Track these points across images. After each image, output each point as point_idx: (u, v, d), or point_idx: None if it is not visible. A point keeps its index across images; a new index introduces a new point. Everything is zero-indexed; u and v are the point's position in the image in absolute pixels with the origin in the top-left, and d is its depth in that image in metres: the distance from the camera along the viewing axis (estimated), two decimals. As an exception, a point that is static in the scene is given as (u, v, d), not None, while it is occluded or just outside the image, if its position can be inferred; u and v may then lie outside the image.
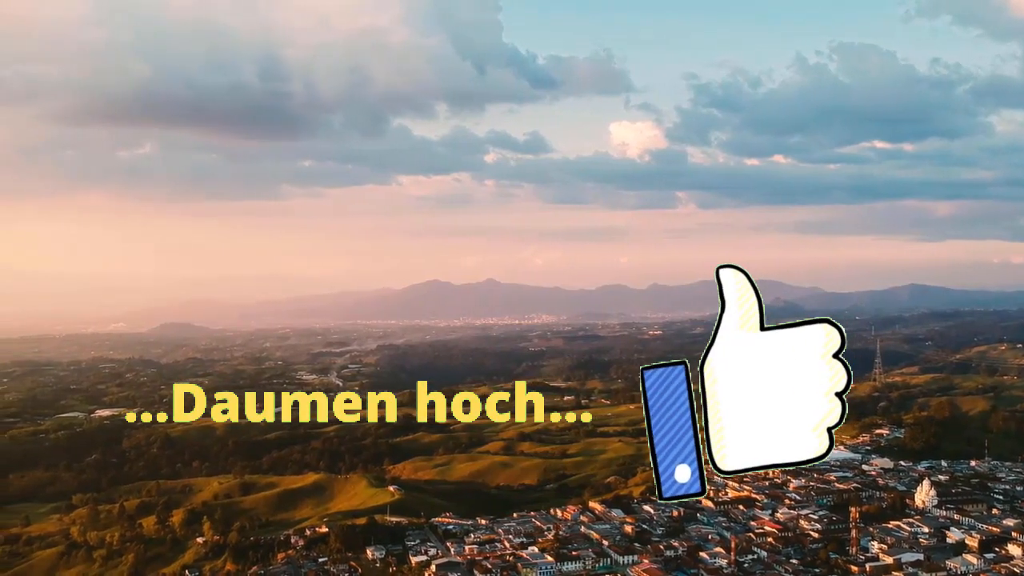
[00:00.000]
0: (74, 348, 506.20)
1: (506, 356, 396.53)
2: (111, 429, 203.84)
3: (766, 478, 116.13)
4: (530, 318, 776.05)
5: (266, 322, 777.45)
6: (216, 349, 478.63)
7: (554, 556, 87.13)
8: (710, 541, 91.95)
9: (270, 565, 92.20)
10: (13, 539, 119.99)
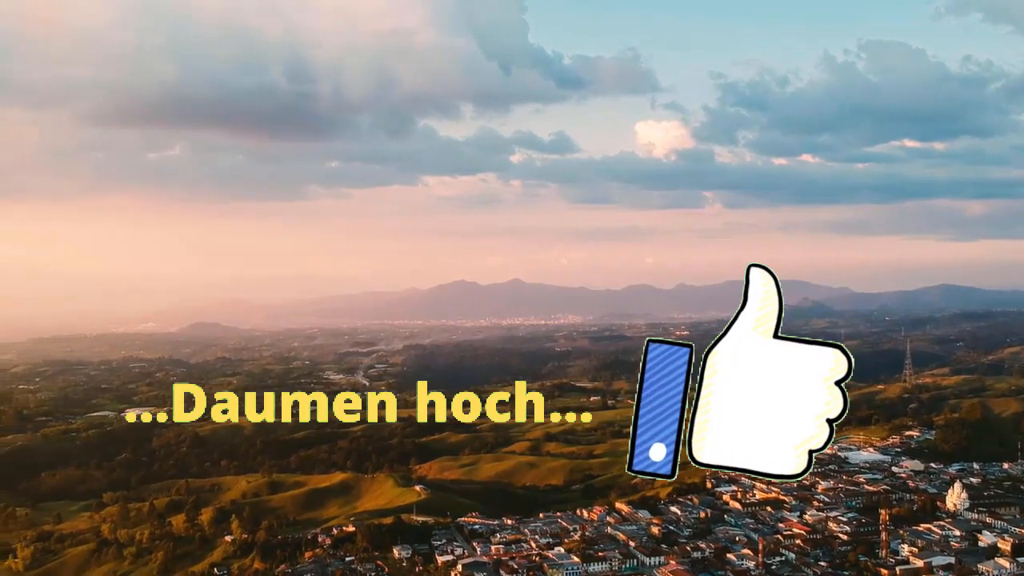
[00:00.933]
0: (105, 348, 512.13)
1: (532, 356, 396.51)
2: (141, 428, 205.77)
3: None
4: (556, 318, 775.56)
5: (294, 322, 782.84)
6: (245, 349, 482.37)
7: (580, 557, 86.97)
8: (737, 543, 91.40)
9: (298, 564, 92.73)
10: (45, 536, 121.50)
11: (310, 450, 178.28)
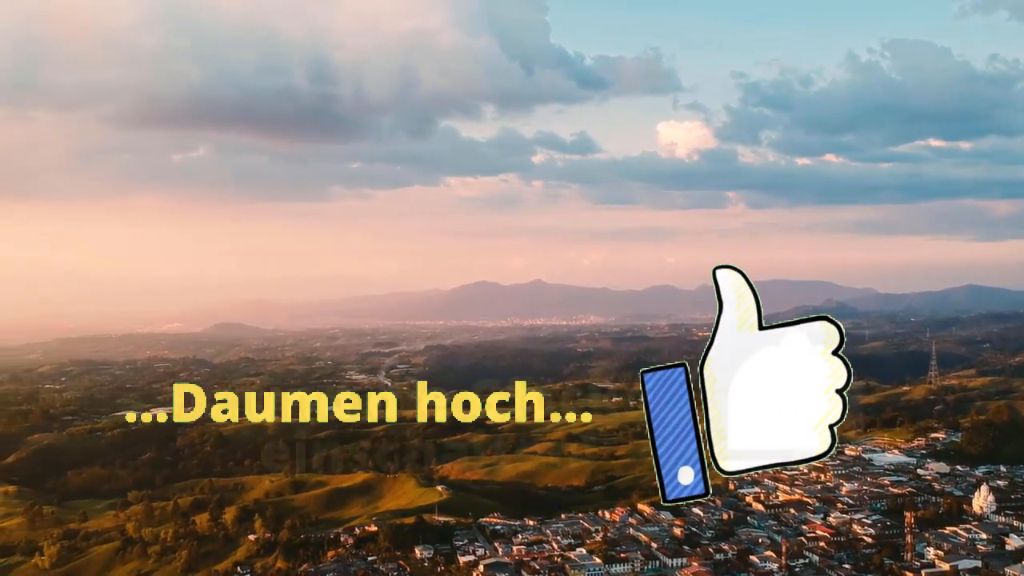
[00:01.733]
0: (130, 348, 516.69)
1: (554, 357, 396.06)
2: (165, 427, 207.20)
3: (818, 481, 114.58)
4: (578, 319, 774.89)
5: (316, 322, 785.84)
6: (268, 349, 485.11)
7: (602, 558, 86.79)
8: (760, 545, 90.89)
9: (320, 563, 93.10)
10: (71, 534, 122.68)
11: (332, 450, 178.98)
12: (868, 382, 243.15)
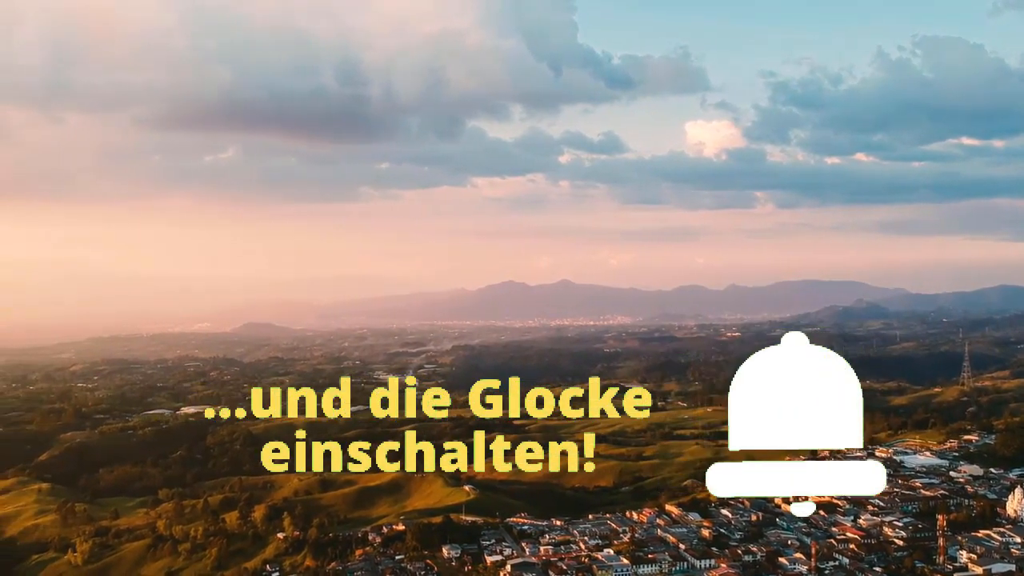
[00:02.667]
0: (161, 347, 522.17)
1: (581, 357, 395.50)
2: (195, 426, 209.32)
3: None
4: (605, 319, 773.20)
5: (344, 322, 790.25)
6: (296, 349, 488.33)
7: (630, 559, 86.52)
8: (789, 547, 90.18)
9: (348, 561, 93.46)
10: (103, 531, 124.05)
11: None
12: (899, 383, 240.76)
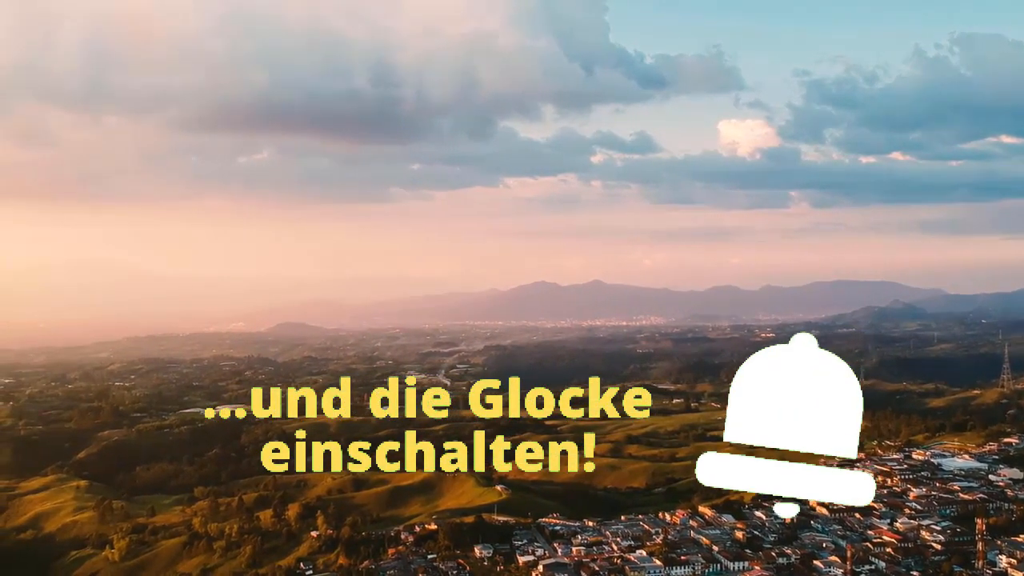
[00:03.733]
0: (197, 346, 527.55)
1: (613, 358, 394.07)
2: (230, 425, 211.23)
3: (884, 486, 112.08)
4: (638, 319, 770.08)
5: (377, 322, 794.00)
6: (330, 348, 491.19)
7: (662, 560, 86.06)
8: (824, 549, 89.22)
9: (381, 560, 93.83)
10: (140, 528, 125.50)
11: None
12: (937, 385, 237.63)
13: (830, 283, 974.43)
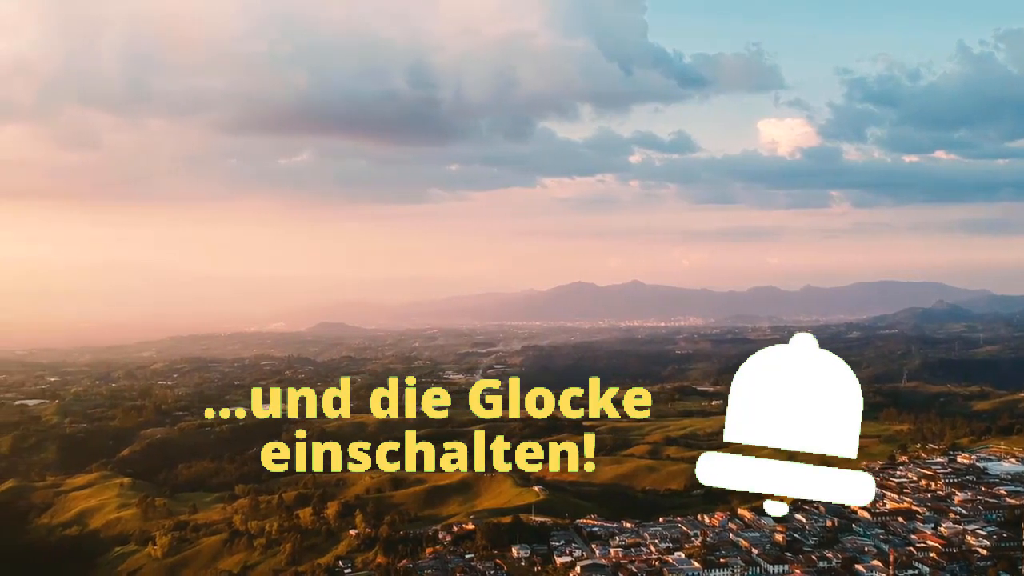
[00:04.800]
0: (238, 346, 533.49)
1: (652, 358, 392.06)
2: (271, 424, 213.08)
3: (928, 490, 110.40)
4: (676, 320, 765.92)
5: (415, 322, 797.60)
6: (368, 348, 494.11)
7: (701, 562, 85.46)
8: (866, 553, 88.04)
9: (419, 559, 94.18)
10: (182, 526, 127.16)
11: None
12: (983, 387, 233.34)
13: (872, 284, 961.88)
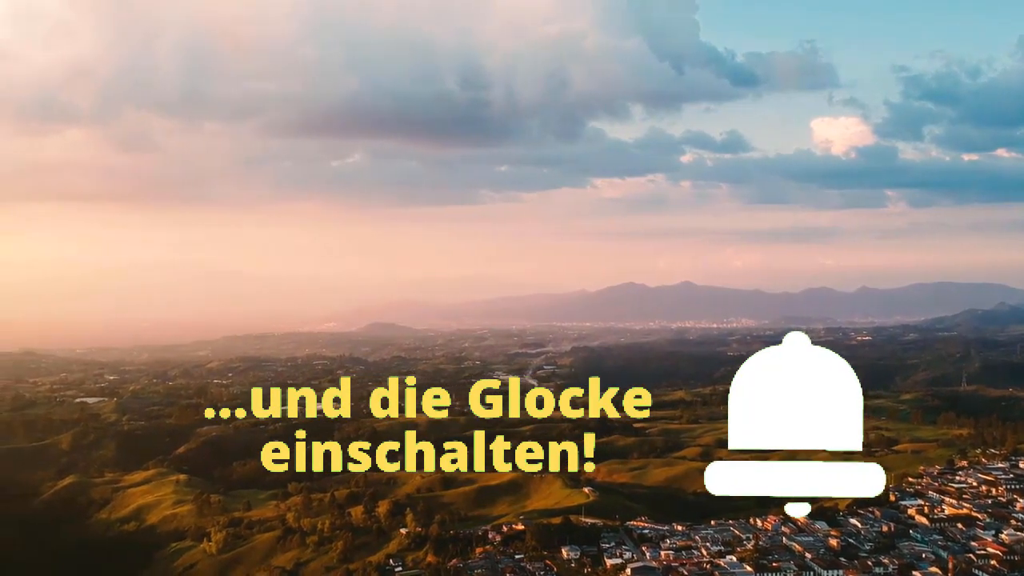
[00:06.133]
0: (291, 345, 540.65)
1: (703, 360, 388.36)
2: (324, 422, 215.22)
3: (989, 496, 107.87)
4: (729, 322, 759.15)
5: (465, 323, 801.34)
6: (419, 348, 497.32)
7: (753, 566, 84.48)
8: (924, 560, 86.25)
9: (469, 559, 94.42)
10: (236, 522, 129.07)
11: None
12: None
13: (930, 285, 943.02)
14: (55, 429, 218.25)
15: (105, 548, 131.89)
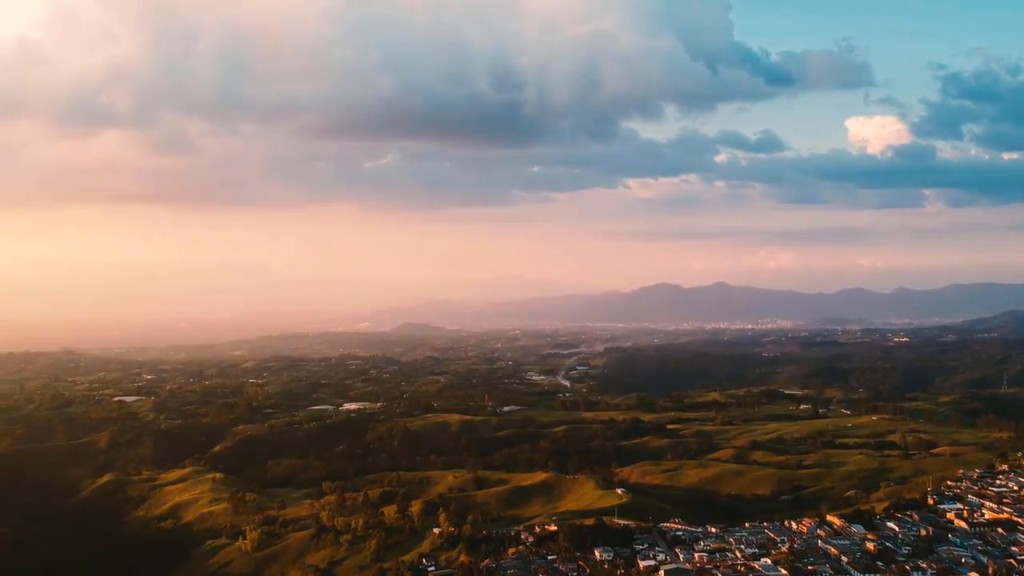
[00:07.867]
0: (325, 345, 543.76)
1: (738, 362, 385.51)
2: (357, 422, 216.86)
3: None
4: (763, 323, 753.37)
5: (497, 323, 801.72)
6: (452, 348, 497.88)
7: (788, 569, 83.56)
8: (963, 565, 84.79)
9: (501, 559, 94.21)
10: (271, 520, 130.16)
11: (513, 448, 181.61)
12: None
13: (969, 285, 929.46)
14: (94, 427, 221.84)
15: (142, 545, 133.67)
